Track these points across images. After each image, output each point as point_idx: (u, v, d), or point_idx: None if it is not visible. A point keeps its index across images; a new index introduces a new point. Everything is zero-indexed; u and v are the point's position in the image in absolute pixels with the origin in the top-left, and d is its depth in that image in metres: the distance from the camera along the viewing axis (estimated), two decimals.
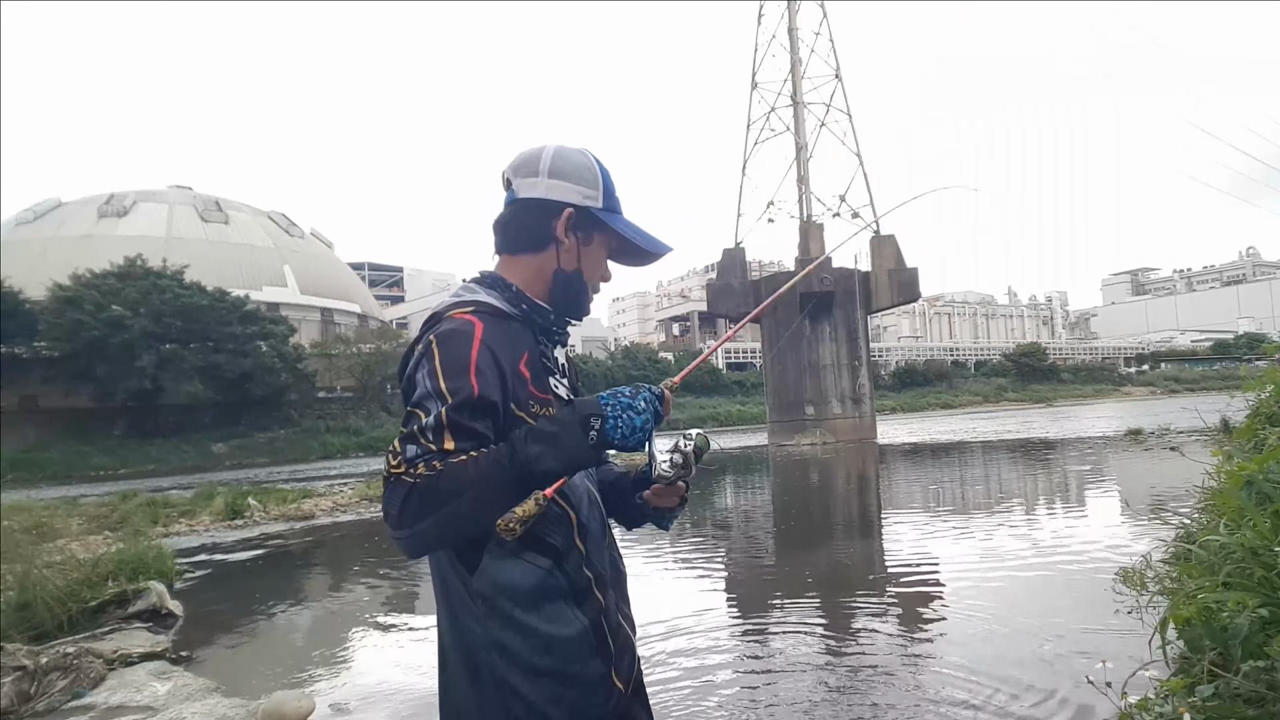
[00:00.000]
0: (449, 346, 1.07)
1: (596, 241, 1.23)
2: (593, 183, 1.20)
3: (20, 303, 31.37)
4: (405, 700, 3.53)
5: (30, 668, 3.76)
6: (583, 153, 1.23)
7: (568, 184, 1.19)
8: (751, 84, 27.90)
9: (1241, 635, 1.78)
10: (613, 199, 1.22)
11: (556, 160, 1.20)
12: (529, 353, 1.17)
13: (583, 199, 1.19)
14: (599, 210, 1.20)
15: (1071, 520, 7.34)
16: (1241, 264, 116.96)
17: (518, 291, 1.20)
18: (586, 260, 1.23)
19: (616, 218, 1.23)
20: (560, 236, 1.20)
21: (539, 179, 1.19)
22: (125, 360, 31.98)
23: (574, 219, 1.19)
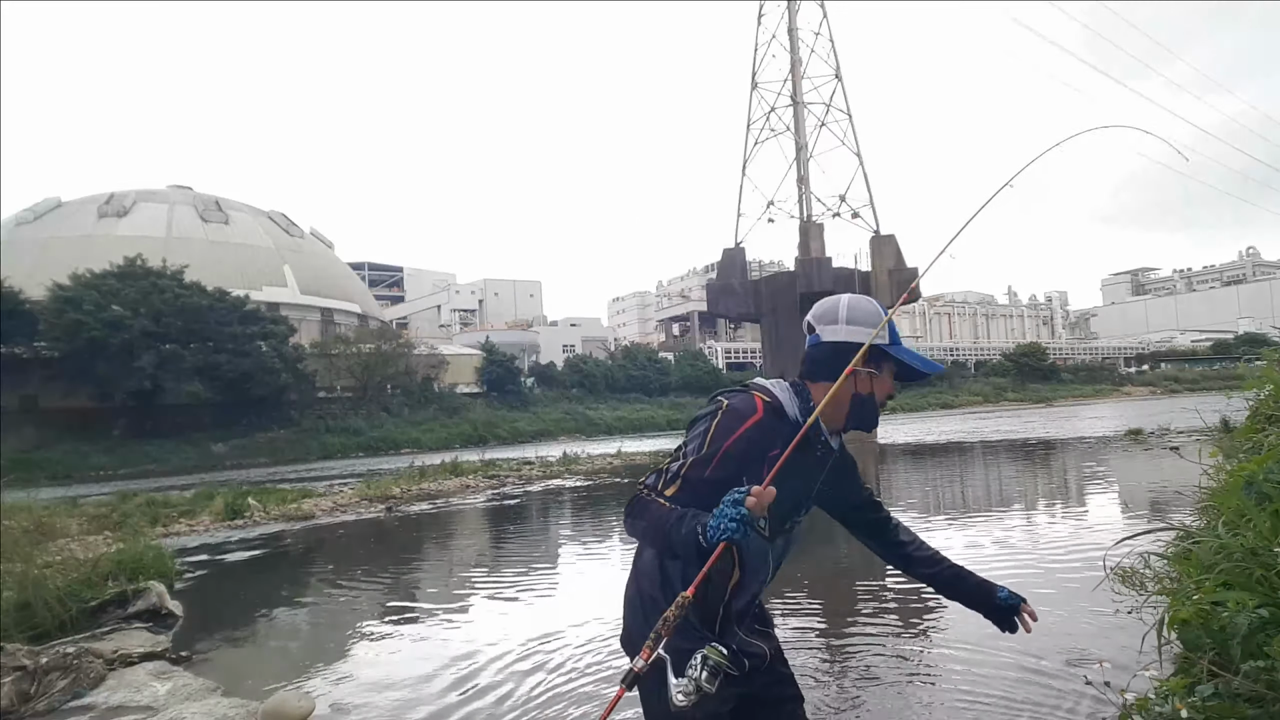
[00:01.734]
0: (728, 419, 1.49)
1: (884, 369, 1.59)
2: (878, 324, 1.55)
3: (20, 303, 31.36)
4: (405, 700, 3.53)
5: (30, 668, 3.76)
6: (870, 300, 1.61)
7: (862, 328, 1.56)
8: (751, 84, 27.91)
9: (1240, 635, 1.78)
10: (894, 334, 1.58)
11: (851, 310, 1.58)
12: (780, 449, 1.46)
13: (876, 338, 1.53)
14: (886, 346, 1.56)
15: (1071, 520, 7.34)
16: (1241, 264, 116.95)
17: (810, 407, 1.52)
18: (877, 385, 1.59)
19: (900, 349, 1.58)
20: (858, 369, 1.52)
21: (839, 325, 1.58)
22: (125, 360, 31.98)
23: (868, 357, 1.52)
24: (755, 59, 27.94)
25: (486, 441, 37.71)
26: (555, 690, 3.52)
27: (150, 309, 32.96)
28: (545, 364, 57.95)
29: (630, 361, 58.29)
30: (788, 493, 1.49)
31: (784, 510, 1.50)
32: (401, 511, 11.24)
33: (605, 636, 4.27)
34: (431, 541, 8.94)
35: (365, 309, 57.51)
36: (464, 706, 3.41)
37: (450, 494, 13.29)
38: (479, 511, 11.29)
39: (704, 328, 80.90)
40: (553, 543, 8.35)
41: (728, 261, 26.58)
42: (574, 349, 66.47)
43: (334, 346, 44.03)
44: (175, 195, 53.59)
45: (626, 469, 17.15)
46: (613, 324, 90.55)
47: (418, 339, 52.18)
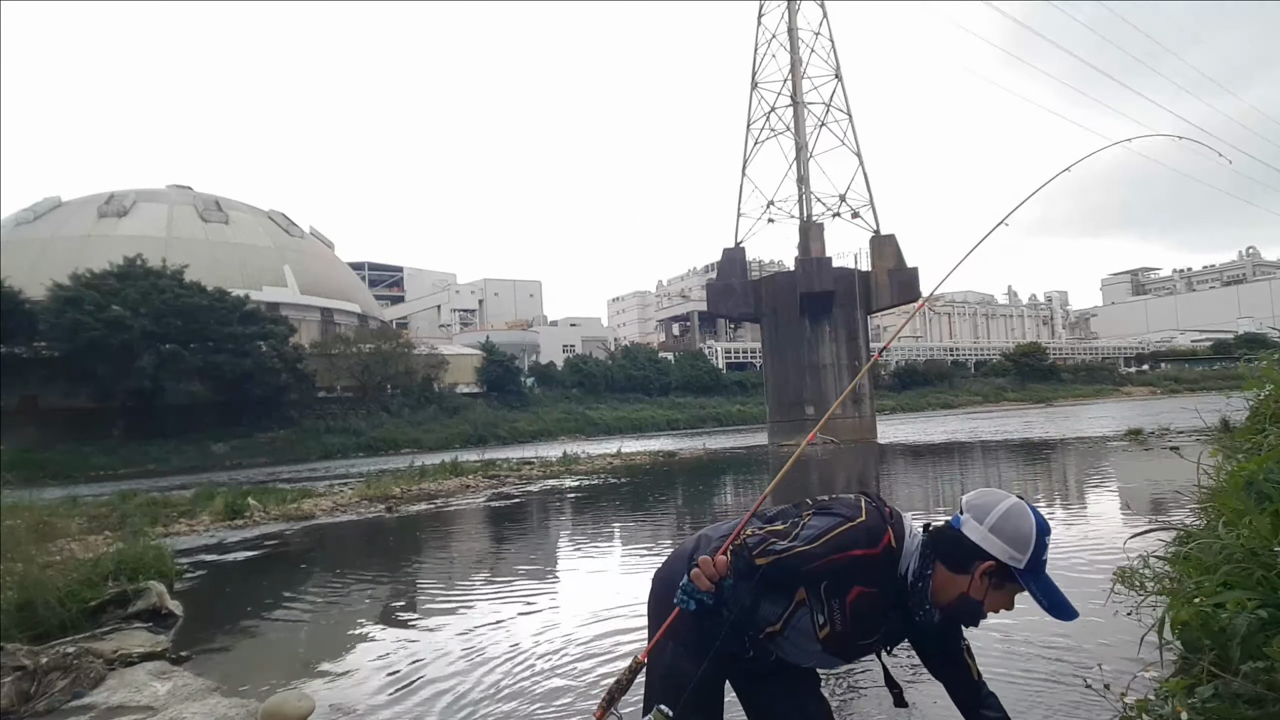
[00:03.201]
0: (852, 536, 1.49)
1: (1007, 589, 1.50)
2: (1023, 548, 1.45)
3: (20, 303, 31.37)
4: (405, 700, 3.53)
5: (30, 668, 3.76)
6: (1028, 517, 1.48)
7: (1001, 542, 1.46)
8: (751, 84, 27.92)
9: (1240, 636, 1.78)
10: (1038, 561, 1.48)
11: (1003, 519, 1.48)
12: (866, 598, 1.52)
13: (1008, 558, 1.46)
14: (1018, 570, 1.46)
15: (1071, 520, 7.34)
16: (1241, 264, 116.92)
17: (925, 581, 1.51)
18: (991, 598, 1.51)
19: (1034, 579, 1.47)
20: (976, 579, 1.48)
21: (982, 527, 1.48)
22: (125, 360, 32.00)
23: (993, 570, 1.47)
24: (755, 59, 27.97)
25: (486, 441, 37.72)
26: (555, 690, 3.52)
27: (150, 309, 32.97)
28: (545, 364, 57.97)
29: (630, 361, 58.30)
30: (864, 627, 1.56)
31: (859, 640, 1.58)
32: (401, 511, 11.24)
33: (605, 637, 4.27)
34: (431, 541, 8.94)
35: (365, 309, 57.52)
36: (464, 707, 3.41)
37: (450, 494, 13.30)
38: (479, 511, 11.29)
39: (704, 328, 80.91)
40: (552, 543, 8.35)
41: (728, 261, 26.59)
42: (574, 349, 66.48)
43: (334, 346, 44.05)
44: (175, 195, 53.59)
45: (626, 469, 17.15)
46: (613, 324, 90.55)
47: (418, 339, 52.22)
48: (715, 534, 1.72)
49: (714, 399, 57.03)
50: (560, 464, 17.96)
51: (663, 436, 38.08)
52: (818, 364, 24.74)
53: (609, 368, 57.02)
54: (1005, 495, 1.51)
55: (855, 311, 25.33)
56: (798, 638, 1.56)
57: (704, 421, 51.17)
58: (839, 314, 24.99)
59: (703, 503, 11.50)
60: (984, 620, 1.59)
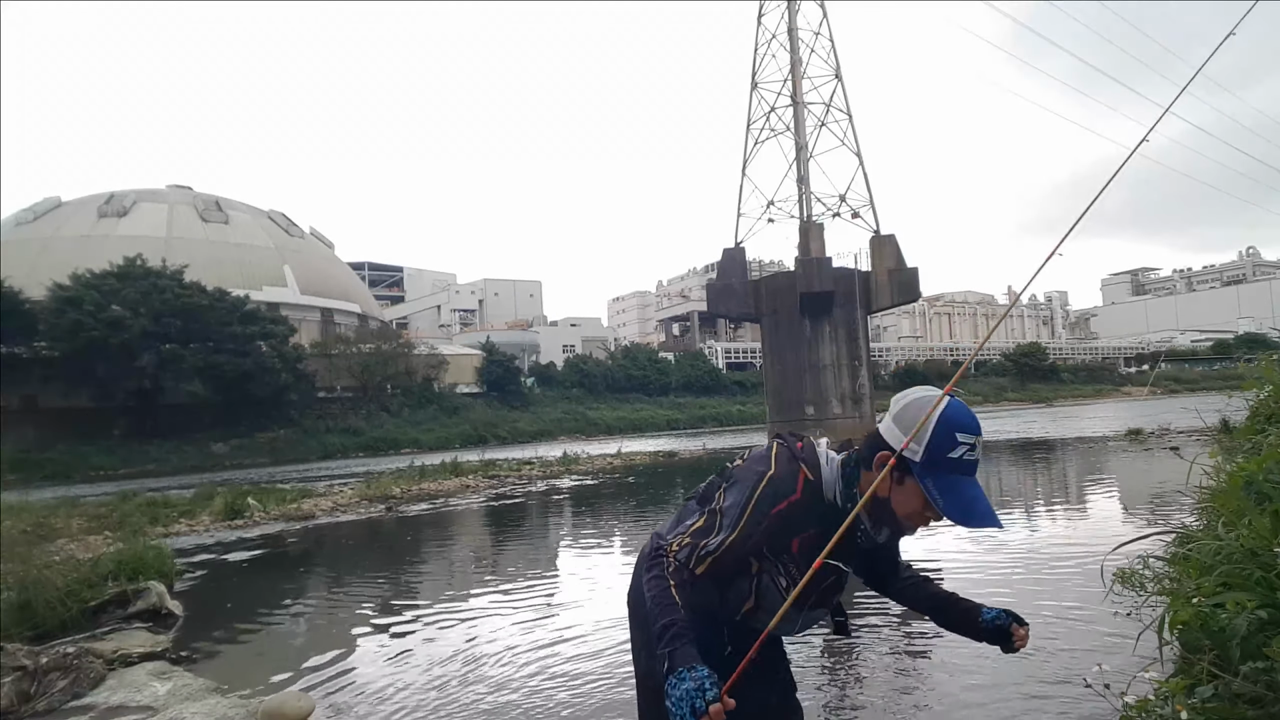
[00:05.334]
0: (768, 494, 1.41)
1: (910, 485, 1.38)
2: (918, 438, 1.35)
3: (20, 303, 31.36)
4: (405, 700, 3.53)
5: (30, 668, 3.76)
6: (926, 409, 1.35)
7: (898, 430, 1.38)
8: (751, 84, 27.92)
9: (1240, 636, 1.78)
10: (941, 459, 1.34)
11: (905, 407, 1.39)
12: (813, 533, 1.44)
13: (905, 450, 1.36)
14: (914, 463, 1.35)
15: (1070, 520, 7.34)
16: (1241, 264, 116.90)
17: (854, 494, 1.44)
18: (896, 497, 1.40)
19: (929, 474, 1.35)
20: (873, 467, 1.40)
21: (887, 418, 1.42)
22: (125, 360, 32.00)
23: (887, 462, 1.38)
24: (755, 59, 27.97)
25: (486, 441, 37.73)
26: (555, 690, 3.52)
27: (150, 309, 32.96)
28: (545, 364, 57.96)
29: (630, 361, 58.29)
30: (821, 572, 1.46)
31: (817, 585, 1.48)
32: (401, 512, 11.24)
33: (604, 637, 4.28)
34: (431, 542, 8.94)
35: (365, 309, 57.51)
36: (464, 707, 3.41)
37: (450, 494, 13.30)
38: (479, 512, 11.29)
39: (704, 328, 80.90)
40: (553, 543, 8.35)
41: (728, 261, 26.59)
42: (574, 349, 66.46)
43: (334, 346, 44.05)
44: (175, 195, 53.58)
45: (626, 469, 17.15)
46: (613, 324, 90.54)
47: (418, 339, 52.22)
48: (666, 531, 1.65)
49: (714, 399, 57.02)
50: (560, 464, 17.96)
51: (663, 437, 38.07)
52: (818, 364, 24.74)
53: (609, 368, 57.01)
54: (921, 390, 1.41)
55: (855, 311, 25.33)
56: (772, 604, 1.50)
57: (704, 422, 51.16)
58: (839, 314, 24.99)
59: None
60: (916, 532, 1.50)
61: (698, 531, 1.45)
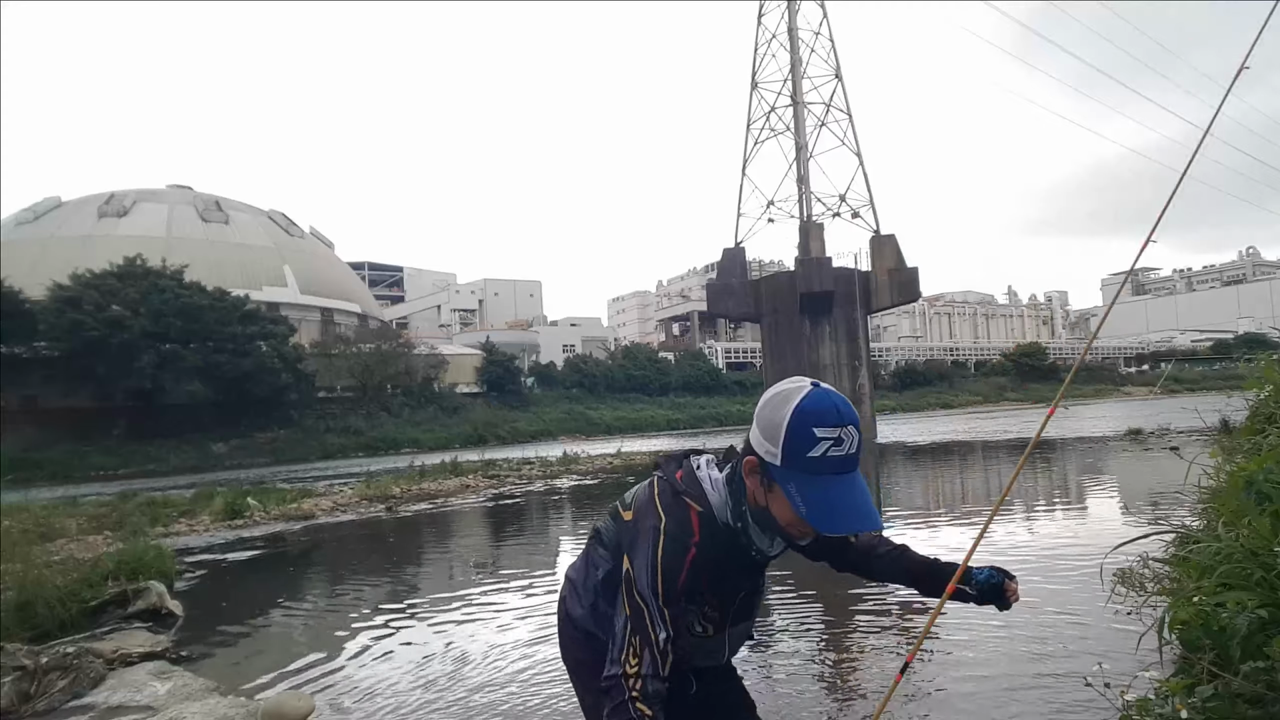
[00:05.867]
0: (670, 553, 1.32)
1: (777, 491, 1.28)
2: (774, 439, 1.24)
3: (20, 303, 31.35)
4: (405, 700, 3.53)
5: (30, 668, 3.76)
6: (787, 406, 1.24)
7: (760, 436, 1.28)
8: (751, 84, 27.92)
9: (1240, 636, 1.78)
10: (799, 458, 1.23)
11: (763, 406, 1.29)
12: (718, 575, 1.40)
13: (765, 453, 1.27)
14: (774, 467, 1.25)
15: (1070, 520, 7.34)
16: (1241, 264, 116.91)
17: (742, 511, 1.36)
18: (773, 503, 1.30)
19: (790, 479, 1.24)
20: (744, 476, 1.33)
21: (754, 422, 1.31)
22: (125, 360, 31.99)
23: (755, 468, 1.30)
24: (755, 59, 27.98)
25: (486, 441, 37.72)
26: (555, 690, 3.52)
27: (150, 309, 32.96)
28: (545, 364, 57.95)
29: (630, 361, 58.28)
30: (730, 589, 1.44)
31: (732, 605, 1.46)
32: (401, 512, 11.24)
33: None
34: (431, 542, 8.94)
35: (365, 309, 57.53)
36: (464, 707, 3.41)
37: (450, 494, 13.29)
38: (479, 512, 11.29)
39: (704, 328, 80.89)
40: (553, 543, 8.35)
41: (728, 261, 26.59)
42: (574, 349, 66.45)
43: (334, 346, 44.06)
44: (175, 195, 53.60)
45: (626, 469, 17.15)
46: (613, 324, 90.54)
47: (418, 339, 52.19)
48: (579, 578, 1.61)
49: (714, 399, 57.00)
50: (560, 464, 17.96)
51: (663, 437, 38.07)
52: (818, 364, 24.74)
53: (609, 368, 57.00)
54: (792, 381, 1.30)
55: (855, 311, 25.34)
56: (698, 645, 1.47)
57: (704, 421, 51.15)
58: (839, 314, 25.00)
59: None
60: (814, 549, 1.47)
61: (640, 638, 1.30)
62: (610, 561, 1.50)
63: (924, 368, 71.51)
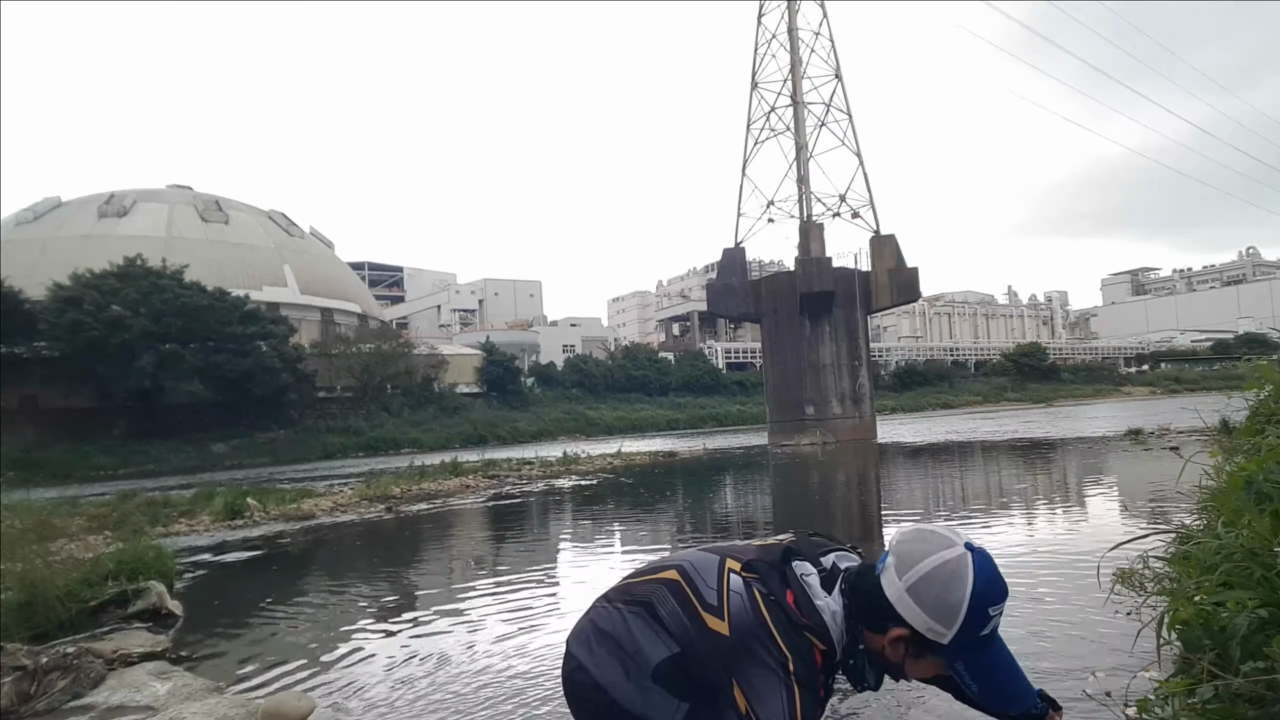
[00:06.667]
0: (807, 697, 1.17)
1: (928, 660, 1.22)
2: (948, 620, 1.16)
3: (20, 303, 31.37)
4: (405, 699, 3.53)
5: (30, 668, 3.76)
6: (963, 581, 1.15)
7: (918, 609, 1.17)
8: (751, 84, 27.92)
9: (1240, 635, 1.78)
10: (972, 638, 1.17)
11: (925, 580, 1.17)
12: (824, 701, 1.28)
13: (926, 629, 1.18)
14: (939, 646, 1.18)
15: (1070, 520, 7.34)
16: (1241, 264, 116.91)
17: (860, 653, 1.27)
18: (912, 667, 1.25)
19: (960, 659, 1.19)
20: (886, 646, 1.23)
21: (900, 583, 1.19)
22: (125, 360, 32.01)
23: (906, 641, 1.20)
24: (755, 59, 27.98)
25: (486, 441, 37.73)
26: (554, 690, 3.52)
27: (150, 309, 32.97)
28: (545, 364, 57.97)
29: (630, 361, 58.31)
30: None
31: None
32: (401, 511, 11.24)
33: None
34: (431, 542, 8.94)
35: (365, 309, 57.53)
36: (464, 706, 3.41)
37: (450, 494, 13.30)
38: (479, 511, 11.29)
39: (704, 328, 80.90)
40: (553, 543, 8.35)
41: (728, 261, 26.60)
42: (574, 349, 66.48)
43: (334, 346, 44.09)
44: (175, 195, 53.61)
45: (626, 469, 17.15)
46: (613, 324, 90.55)
47: (418, 339, 52.24)
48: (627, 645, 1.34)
49: (714, 399, 57.02)
50: (560, 464, 17.96)
51: (663, 436, 38.07)
52: (818, 364, 24.75)
53: (609, 368, 57.02)
54: (946, 542, 1.19)
55: (855, 311, 25.35)
56: None
57: (704, 421, 51.16)
58: (839, 314, 25.00)
59: (702, 502, 11.50)
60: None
61: None
62: (674, 648, 1.29)
63: (924, 368, 71.53)
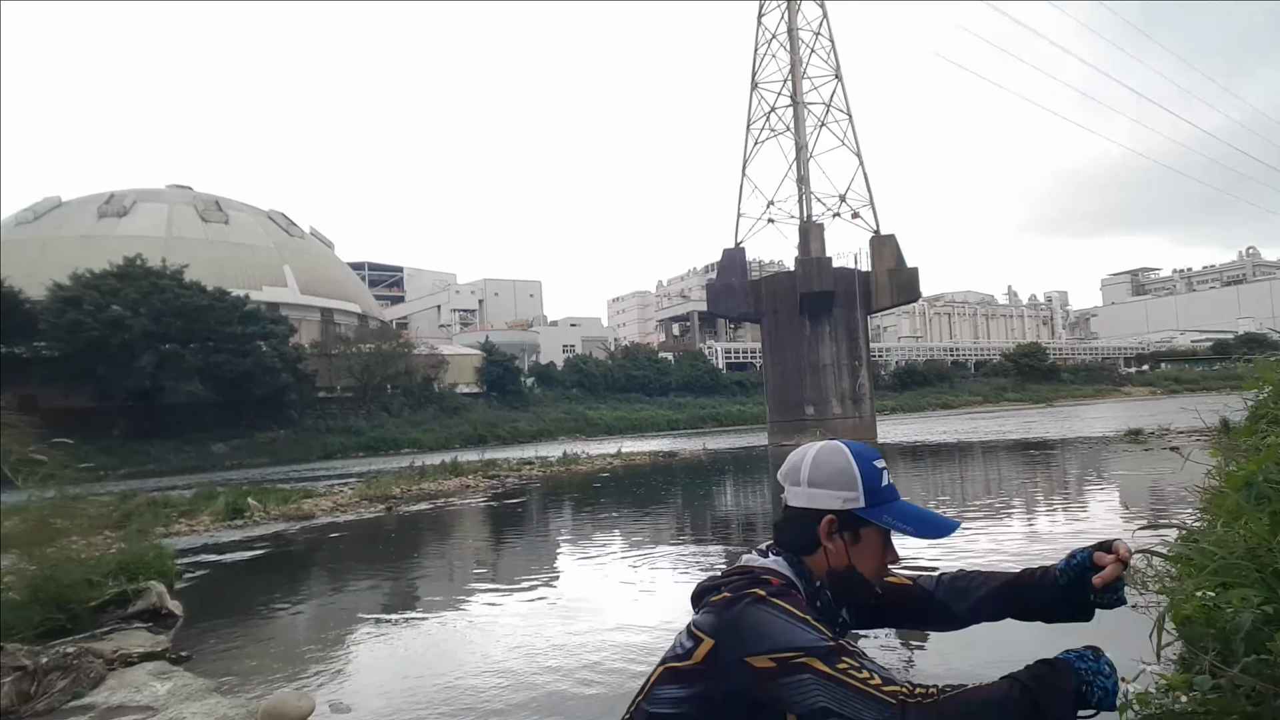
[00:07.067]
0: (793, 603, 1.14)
1: (867, 537, 1.26)
2: (850, 484, 1.23)
3: (20, 303, 31.37)
4: (405, 700, 3.53)
5: (30, 668, 3.75)
6: (840, 453, 1.25)
7: (827, 491, 1.24)
8: (751, 84, 27.92)
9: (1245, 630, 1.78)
10: (878, 492, 1.24)
11: (814, 469, 1.25)
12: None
13: (843, 503, 1.23)
14: (859, 511, 1.23)
15: (1071, 520, 7.34)
16: (1241, 264, 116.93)
17: (816, 587, 1.26)
18: (858, 556, 1.26)
19: (883, 511, 1.24)
20: (824, 542, 1.25)
21: (801, 488, 1.26)
22: (125, 360, 32.01)
23: (834, 525, 1.24)
24: (755, 59, 27.98)
25: (486, 441, 37.74)
26: (554, 690, 3.52)
27: (150, 309, 32.97)
28: (545, 364, 57.97)
29: (630, 361, 58.30)
30: None
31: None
32: (401, 511, 11.24)
33: (603, 636, 4.27)
34: (431, 541, 8.94)
35: (365, 309, 57.53)
36: (463, 707, 3.41)
37: (450, 494, 13.30)
38: (479, 511, 11.29)
39: (704, 328, 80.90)
40: (552, 543, 8.35)
41: (728, 261, 26.60)
42: (574, 349, 66.48)
43: (334, 346, 44.09)
44: (175, 195, 53.62)
45: (626, 469, 17.15)
46: (613, 324, 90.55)
47: (418, 339, 52.25)
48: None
49: (714, 399, 57.03)
50: (560, 464, 17.96)
51: (663, 436, 38.07)
52: (817, 364, 24.75)
53: (609, 368, 57.02)
54: (805, 447, 1.29)
55: (855, 311, 25.35)
56: None
57: (704, 421, 51.16)
58: (839, 314, 25.01)
59: (702, 502, 11.50)
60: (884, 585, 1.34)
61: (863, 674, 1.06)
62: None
63: (924, 368, 71.55)
